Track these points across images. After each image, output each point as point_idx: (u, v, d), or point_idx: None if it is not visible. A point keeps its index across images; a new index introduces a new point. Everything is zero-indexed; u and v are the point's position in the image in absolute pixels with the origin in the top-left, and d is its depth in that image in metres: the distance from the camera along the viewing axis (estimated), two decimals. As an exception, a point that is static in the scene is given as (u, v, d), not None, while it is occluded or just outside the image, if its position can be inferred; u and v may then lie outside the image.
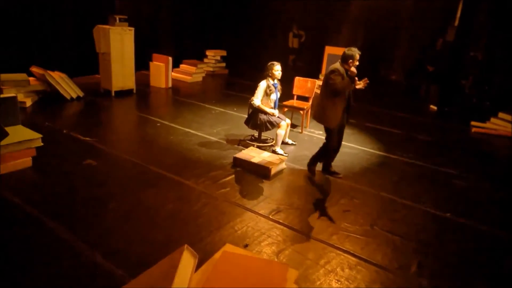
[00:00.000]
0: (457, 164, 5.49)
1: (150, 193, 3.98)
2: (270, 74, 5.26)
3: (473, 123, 7.57)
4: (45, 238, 3.10)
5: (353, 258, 3.15)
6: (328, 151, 4.59)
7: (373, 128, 6.94)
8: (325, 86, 4.33)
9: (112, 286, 2.60)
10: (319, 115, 4.48)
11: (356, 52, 4.23)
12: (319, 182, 4.62)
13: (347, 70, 4.26)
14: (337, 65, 4.26)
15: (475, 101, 8.72)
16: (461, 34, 8.83)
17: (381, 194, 4.38)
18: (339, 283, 2.83)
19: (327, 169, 4.80)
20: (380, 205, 4.13)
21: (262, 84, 5.25)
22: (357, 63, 4.26)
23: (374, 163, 5.30)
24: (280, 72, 5.31)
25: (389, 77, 10.56)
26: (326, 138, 4.55)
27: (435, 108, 8.87)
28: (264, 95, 5.26)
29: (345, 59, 4.25)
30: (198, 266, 2.37)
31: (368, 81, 4.14)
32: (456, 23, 9.02)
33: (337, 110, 4.32)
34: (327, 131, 4.49)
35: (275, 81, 5.34)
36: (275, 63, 5.25)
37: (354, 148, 5.82)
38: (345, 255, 3.19)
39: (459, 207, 4.21)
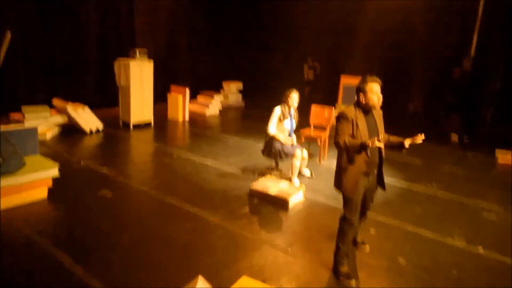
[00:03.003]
0: (485, 195, 5.23)
1: (165, 225, 3.88)
2: (286, 101, 5.22)
3: (498, 151, 7.28)
4: (54, 271, 3.00)
5: (379, 296, 2.94)
6: (346, 229, 3.16)
7: (392, 159, 6.74)
8: None
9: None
10: (335, 176, 3.20)
11: (371, 81, 3.00)
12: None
13: (367, 109, 3.04)
14: (349, 108, 3.06)
15: (498, 130, 8.47)
16: (478, 64, 8.74)
17: (405, 227, 4.16)
18: (365, 323, 2.62)
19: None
20: (404, 238, 3.91)
21: (276, 110, 5.21)
22: (374, 97, 2.98)
23: (395, 194, 5.09)
24: (297, 101, 5.26)
25: (407, 107, 10.41)
26: (343, 209, 3.20)
27: (456, 137, 8.64)
28: (278, 121, 5.20)
29: (358, 90, 3.06)
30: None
31: (423, 137, 2.96)
32: (472, 53, 8.95)
33: (355, 172, 3.02)
34: (344, 199, 3.17)
35: (291, 108, 5.28)
36: (293, 90, 5.22)
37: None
38: (370, 292, 2.98)
39: (491, 241, 3.94)
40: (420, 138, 2.96)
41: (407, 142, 3.01)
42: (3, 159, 3.95)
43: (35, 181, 4.19)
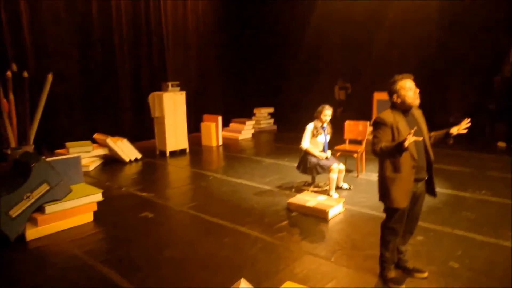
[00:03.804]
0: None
1: (205, 241, 3.88)
2: (319, 117, 5.21)
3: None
4: (102, 286, 3.05)
5: (433, 300, 2.75)
6: (390, 237, 2.98)
7: (437, 168, 6.47)
8: None
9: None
10: (379, 188, 2.95)
11: (400, 79, 2.84)
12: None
13: (405, 109, 2.84)
14: (385, 112, 2.87)
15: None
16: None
17: (456, 232, 3.93)
18: (420, 326, 2.45)
19: (401, 264, 3.17)
20: (456, 243, 3.68)
21: (309, 126, 5.20)
22: (409, 93, 2.79)
23: (444, 202, 4.84)
24: (330, 116, 5.24)
25: (448, 120, 10.06)
26: (386, 218, 2.98)
27: (504, 144, 8.23)
28: (311, 136, 5.18)
29: (389, 93, 2.89)
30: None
31: (468, 122, 2.84)
32: (511, 59, 8.64)
33: (403, 180, 2.78)
34: (387, 210, 2.96)
35: (324, 124, 5.26)
36: (326, 106, 5.21)
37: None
38: (423, 296, 2.80)
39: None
40: (465, 123, 2.81)
41: (453, 130, 2.83)
42: (50, 187, 4.15)
43: (81, 206, 4.36)
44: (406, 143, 2.50)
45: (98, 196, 4.51)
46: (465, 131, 2.83)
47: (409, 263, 3.15)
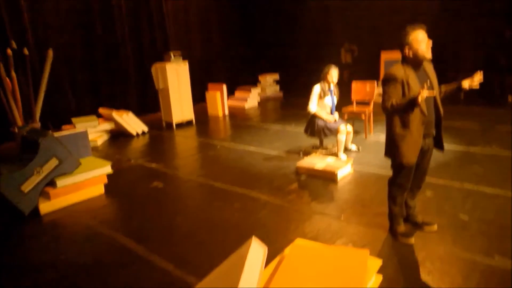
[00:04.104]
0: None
1: (215, 207, 3.92)
2: (325, 78, 5.11)
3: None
4: (117, 252, 3.13)
5: (444, 251, 2.77)
6: (397, 193, 2.97)
7: (445, 126, 6.38)
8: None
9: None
10: (387, 145, 2.93)
11: (413, 30, 2.67)
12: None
13: (417, 63, 2.71)
14: (396, 66, 2.73)
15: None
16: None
17: (466, 186, 3.91)
18: (431, 274, 2.48)
19: (411, 219, 3.17)
20: (465, 197, 3.67)
21: (316, 88, 5.12)
22: (422, 45, 2.64)
23: (453, 158, 4.81)
24: (336, 77, 5.13)
25: (457, 77, 9.81)
26: (394, 174, 2.97)
27: (513, 98, 8.05)
28: (318, 99, 5.10)
29: (401, 45, 2.73)
30: (268, 263, 2.20)
31: (481, 76, 2.73)
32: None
33: (413, 136, 2.72)
34: (395, 166, 2.92)
35: (331, 85, 5.17)
36: (332, 66, 5.10)
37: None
38: (433, 248, 2.82)
39: None
40: (478, 77, 2.69)
41: (465, 83, 2.73)
42: (59, 161, 4.19)
43: (91, 178, 4.41)
44: (420, 99, 2.45)
45: (107, 169, 4.55)
46: (478, 86, 2.73)
47: (418, 217, 3.15)
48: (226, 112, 9.22)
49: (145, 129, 7.66)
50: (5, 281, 2.87)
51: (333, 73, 5.08)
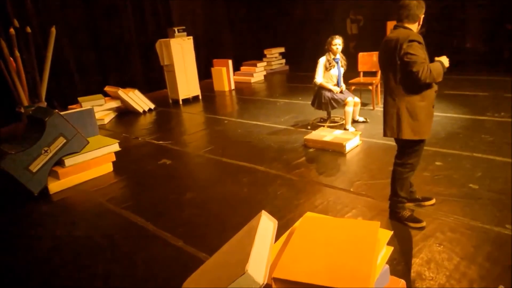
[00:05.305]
0: None
1: (224, 182, 3.93)
2: (329, 49, 5.00)
3: None
4: (128, 229, 3.17)
5: (454, 221, 2.76)
6: (407, 175, 2.80)
7: (453, 95, 6.27)
8: (399, 72, 2.58)
9: (196, 264, 2.55)
10: (389, 122, 2.73)
11: (423, 6, 2.62)
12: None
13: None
14: (414, 33, 2.58)
15: None
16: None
17: (475, 155, 3.86)
18: (441, 246, 2.48)
19: (412, 196, 3.03)
20: (475, 166, 3.63)
21: (321, 60, 5.02)
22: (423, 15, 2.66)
23: (461, 127, 4.74)
24: (341, 46, 5.02)
25: (464, 45, 9.55)
26: (401, 159, 2.80)
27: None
28: (325, 70, 5.01)
29: (413, 18, 2.61)
30: (278, 237, 2.21)
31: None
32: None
33: (429, 108, 2.63)
34: (408, 146, 2.72)
35: (337, 56, 5.06)
36: (335, 36, 4.98)
37: (434, 115, 5.28)
38: (444, 218, 2.81)
39: None
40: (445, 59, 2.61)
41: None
42: (67, 140, 4.20)
43: (100, 157, 4.43)
44: (447, 62, 2.52)
45: (115, 146, 4.56)
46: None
47: (417, 194, 3.06)
48: (233, 87, 9.13)
49: (152, 106, 7.64)
50: (21, 259, 2.94)
51: (337, 41, 4.96)
